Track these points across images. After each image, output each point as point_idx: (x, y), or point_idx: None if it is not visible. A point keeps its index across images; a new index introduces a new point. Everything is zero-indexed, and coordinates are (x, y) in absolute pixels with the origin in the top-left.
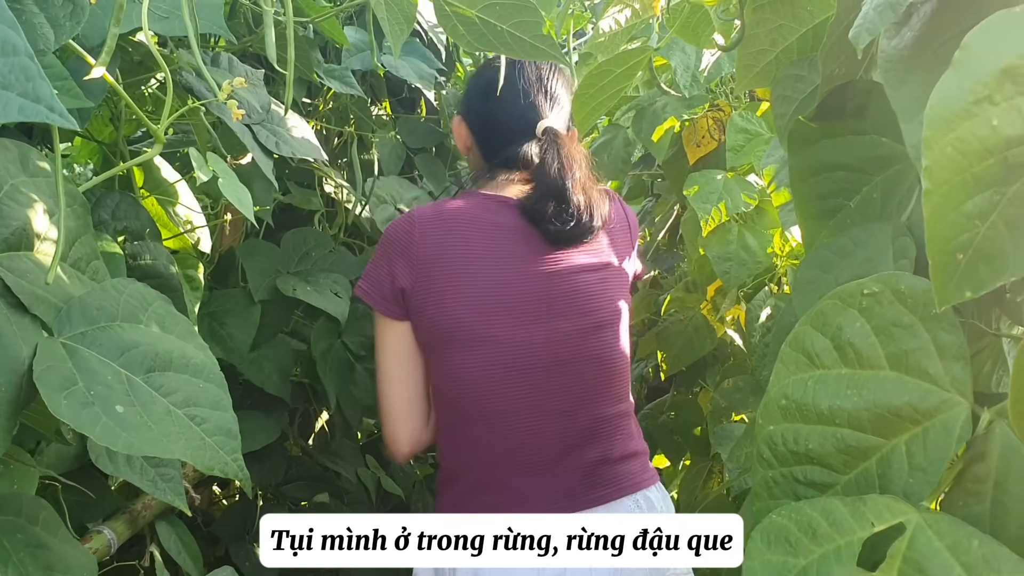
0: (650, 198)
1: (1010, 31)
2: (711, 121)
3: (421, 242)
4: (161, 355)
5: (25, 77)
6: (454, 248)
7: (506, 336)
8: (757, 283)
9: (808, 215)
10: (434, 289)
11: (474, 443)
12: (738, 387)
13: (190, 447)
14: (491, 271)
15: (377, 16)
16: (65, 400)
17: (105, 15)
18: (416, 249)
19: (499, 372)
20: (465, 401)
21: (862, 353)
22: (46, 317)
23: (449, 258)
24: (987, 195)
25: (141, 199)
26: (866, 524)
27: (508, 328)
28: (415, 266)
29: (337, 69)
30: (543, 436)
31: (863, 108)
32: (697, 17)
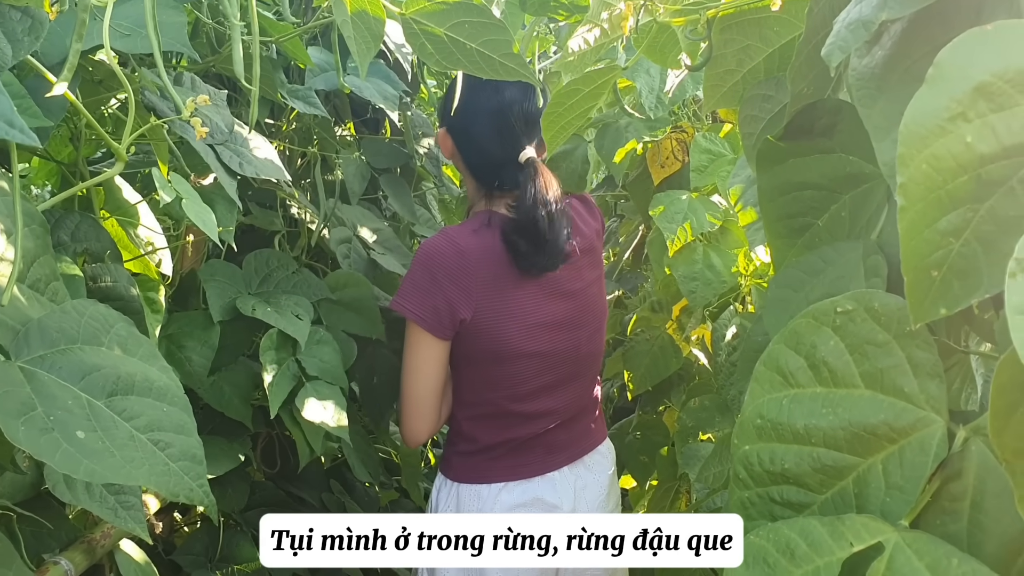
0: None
1: (983, 49)
2: (675, 142)
3: (475, 272)
4: (123, 378)
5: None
6: (500, 279)
7: (544, 349)
8: (722, 302)
9: (777, 234)
10: (489, 317)
11: (507, 424)
12: (705, 406)
13: (154, 473)
14: (530, 296)
15: (344, 35)
16: (23, 426)
17: (64, 32)
18: (470, 280)
19: (536, 377)
20: (503, 398)
21: (837, 371)
22: (2, 340)
23: (498, 287)
24: (961, 212)
25: (101, 220)
26: (845, 544)
27: (546, 343)
28: (472, 296)
29: (301, 89)
30: (562, 414)
31: (831, 127)
32: (664, 37)
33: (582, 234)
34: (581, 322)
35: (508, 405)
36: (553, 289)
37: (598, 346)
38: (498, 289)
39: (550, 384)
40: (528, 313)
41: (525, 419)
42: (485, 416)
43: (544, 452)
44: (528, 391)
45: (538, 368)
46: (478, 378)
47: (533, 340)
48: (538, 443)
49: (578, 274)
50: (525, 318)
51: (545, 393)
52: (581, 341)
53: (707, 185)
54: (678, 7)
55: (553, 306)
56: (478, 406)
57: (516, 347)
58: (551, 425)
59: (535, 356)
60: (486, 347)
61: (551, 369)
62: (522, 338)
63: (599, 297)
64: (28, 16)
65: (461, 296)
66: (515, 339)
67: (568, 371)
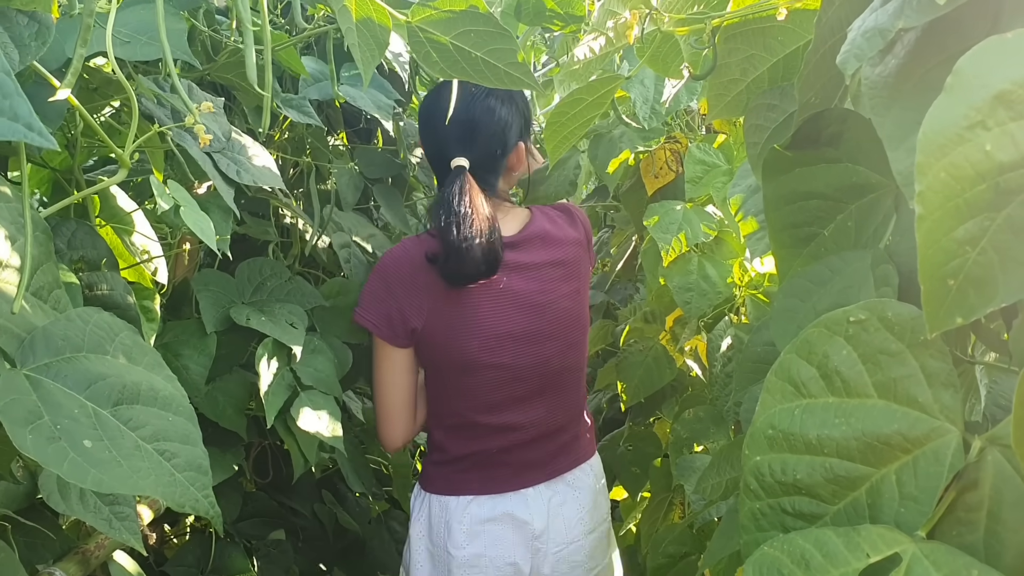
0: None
1: (1002, 57)
2: (669, 153)
3: (426, 280)
4: (129, 387)
5: (2, 94)
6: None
7: (507, 361)
8: (717, 313)
9: (782, 244)
10: (443, 326)
11: (474, 436)
12: (699, 417)
13: (160, 483)
14: (489, 306)
15: (348, 43)
16: (30, 435)
17: (64, 39)
18: (419, 288)
19: (500, 388)
20: (469, 409)
21: (849, 381)
22: (8, 348)
23: (452, 297)
24: (978, 220)
25: (97, 228)
26: (861, 555)
27: (508, 355)
28: (422, 305)
29: (295, 99)
30: (534, 429)
31: (838, 136)
32: (667, 47)
33: (553, 246)
34: (550, 335)
35: (474, 416)
36: (515, 300)
37: (574, 361)
38: (452, 298)
39: (519, 397)
40: (487, 323)
41: (493, 431)
42: (453, 426)
43: (517, 467)
44: (494, 403)
45: (502, 380)
46: (444, 387)
47: (494, 351)
48: (510, 458)
49: (546, 285)
50: (484, 328)
51: (513, 406)
52: (550, 355)
53: (702, 196)
54: (683, 16)
55: (516, 317)
56: (446, 416)
57: (475, 357)
58: (523, 439)
59: (498, 368)
60: (445, 356)
61: (517, 382)
62: (481, 348)
63: (575, 310)
64: (35, 21)
65: (412, 304)
66: (474, 349)
67: (537, 385)
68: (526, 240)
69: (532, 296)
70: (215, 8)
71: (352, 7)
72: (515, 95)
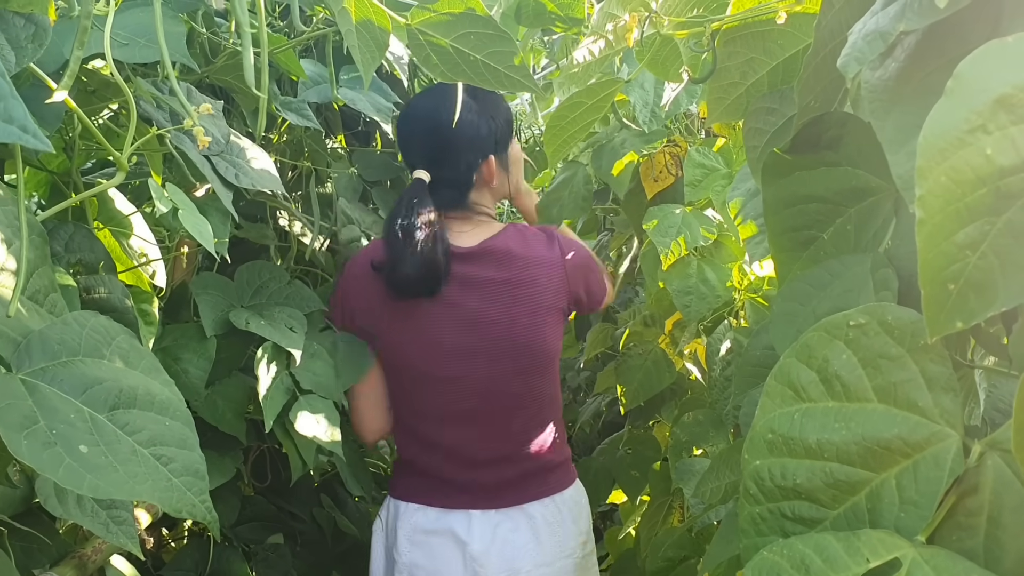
0: (605, 232)
1: (1003, 60)
2: (668, 156)
3: (368, 294)
4: (126, 392)
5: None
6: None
7: (444, 374)
8: (717, 317)
9: (781, 247)
10: (394, 333)
11: (417, 443)
12: (698, 421)
13: (157, 488)
14: (437, 319)
15: (348, 45)
16: (26, 440)
17: (62, 40)
18: (372, 294)
19: (439, 399)
20: (418, 414)
21: (849, 386)
22: (4, 352)
23: (402, 306)
24: (979, 225)
25: (95, 231)
26: (861, 560)
27: (445, 368)
28: (373, 310)
29: (294, 102)
30: (472, 448)
31: (837, 140)
32: (667, 51)
33: (512, 264)
34: (488, 354)
35: (417, 423)
36: (455, 313)
37: (525, 389)
38: (402, 307)
39: (458, 414)
40: (428, 333)
41: (434, 443)
42: (402, 430)
43: (464, 486)
44: (433, 414)
45: (440, 392)
46: (396, 392)
47: (431, 362)
48: (457, 475)
49: (492, 303)
50: (424, 337)
51: (453, 422)
52: (488, 376)
53: (701, 199)
54: (682, 19)
55: (454, 331)
56: (399, 421)
57: (415, 365)
58: (466, 458)
59: (437, 380)
60: (392, 360)
61: (456, 397)
62: (420, 357)
63: (528, 335)
64: (32, 23)
65: (365, 307)
66: (414, 357)
67: (474, 405)
68: (479, 254)
69: (473, 312)
70: (214, 11)
71: (352, 9)
72: (490, 107)
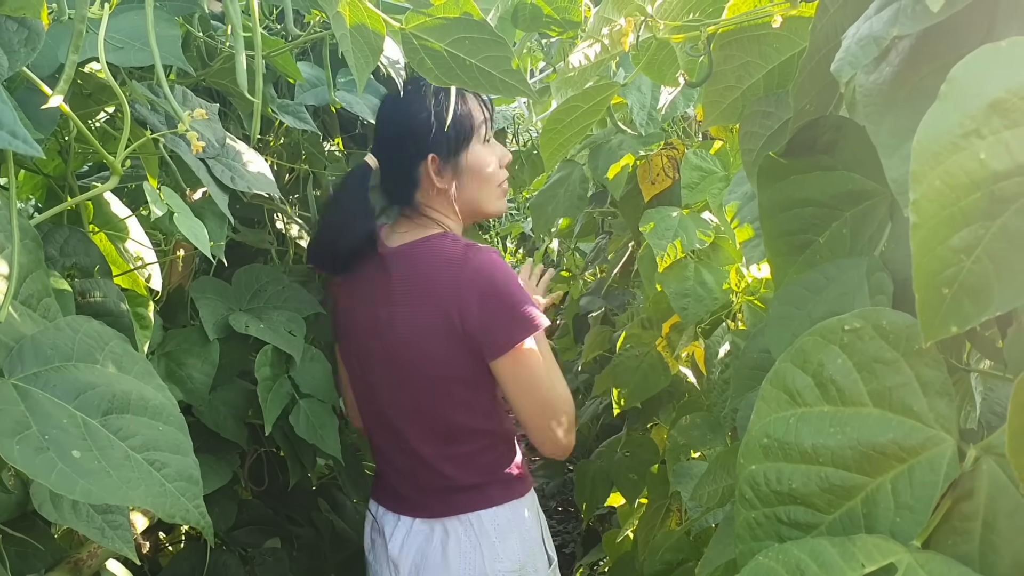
0: (603, 235)
1: (997, 65)
2: (665, 159)
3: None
4: (119, 397)
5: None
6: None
7: (358, 374)
8: (714, 319)
9: (777, 251)
10: (341, 328)
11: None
12: (696, 424)
13: (150, 494)
14: (363, 320)
15: (342, 50)
16: (18, 446)
17: (56, 44)
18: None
19: (363, 399)
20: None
21: (844, 390)
22: None
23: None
24: (973, 229)
25: (91, 234)
26: (856, 565)
27: (357, 368)
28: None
29: (291, 104)
30: (396, 455)
31: (833, 143)
32: (663, 54)
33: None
34: (387, 364)
35: (365, 421)
36: (365, 317)
37: (418, 405)
38: (347, 307)
39: (378, 418)
40: (348, 326)
41: (375, 446)
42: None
43: (396, 489)
44: (366, 415)
45: (361, 393)
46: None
47: (354, 364)
48: (390, 476)
49: (404, 318)
50: (346, 330)
51: (379, 426)
52: (390, 384)
53: (698, 202)
54: (678, 23)
55: (364, 335)
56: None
57: (346, 364)
58: (391, 462)
59: (359, 382)
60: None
61: (372, 401)
62: (348, 358)
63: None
64: (24, 27)
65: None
66: (344, 356)
67: (388, 412)
68: (391, 256)
69: (372, 315)
70: (210, 14)
71: (346, 13)
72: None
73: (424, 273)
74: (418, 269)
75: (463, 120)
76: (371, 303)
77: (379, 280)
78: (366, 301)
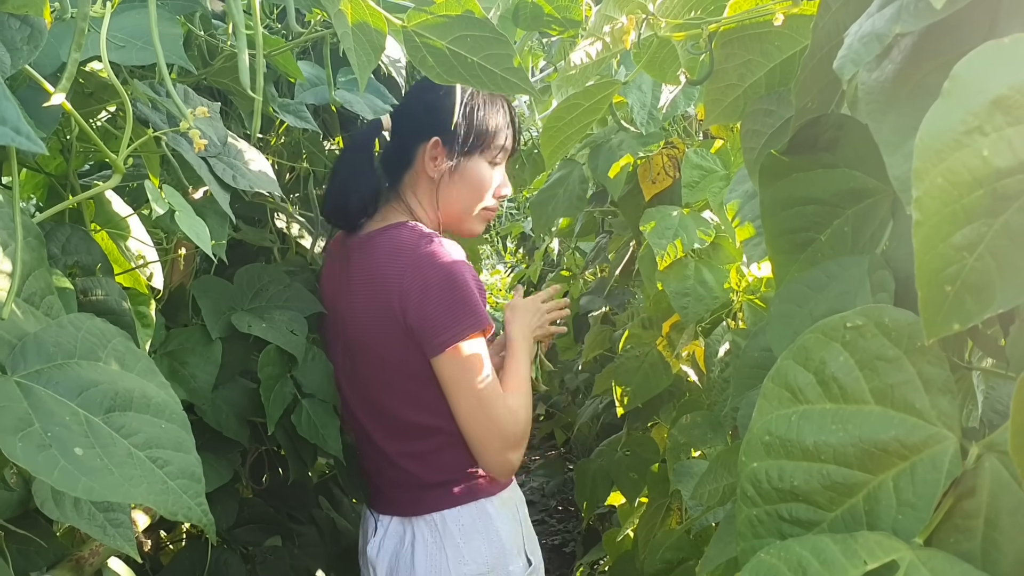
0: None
1: (1000, 62)
2: (666, 158)
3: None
4: (121, 394)
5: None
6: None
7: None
8: (715, 318)
9: (779, 249)
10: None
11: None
12: (696, 423)
13: (153, 491)
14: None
15: (344, 48)
16: (20, 442)
17: (58, 42)
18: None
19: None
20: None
21: (846, 387)
22: None
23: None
24: (975, 226)
25: (92, 233)
26: (858, 562)
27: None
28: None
29: (291, 103)
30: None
31: (835, 141)
32: (664, 52)
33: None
34: (346, 351)
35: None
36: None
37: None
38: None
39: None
40: (326, 329)
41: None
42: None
43: (374, 488)
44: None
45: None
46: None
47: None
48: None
49: (359, 310)
50: (325, 332)
51: (351, 421)
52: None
53: (698, 201)
54: (680, 21)
55: (337, 332)
56: None
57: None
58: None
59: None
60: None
61: (344, 397)
62: (328, 340)
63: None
64: (27, 25)
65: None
66: (326, 338)
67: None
68: (357, 244)
69: (340, 303)
70: (212, 13)
71: (348, 12)
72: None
73: (375, 262)
74: (371, 259)
75: (486, 130)
76: (334, 295)
77: (342, 271)
78: (331, 293)
